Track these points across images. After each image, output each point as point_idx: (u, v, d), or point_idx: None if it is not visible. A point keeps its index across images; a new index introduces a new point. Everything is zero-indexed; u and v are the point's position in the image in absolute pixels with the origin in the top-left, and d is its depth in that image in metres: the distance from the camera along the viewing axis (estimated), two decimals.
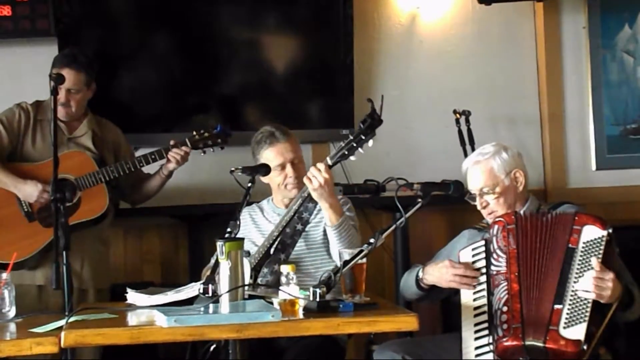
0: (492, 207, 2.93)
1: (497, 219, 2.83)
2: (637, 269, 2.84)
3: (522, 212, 2.86)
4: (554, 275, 2.65)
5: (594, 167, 4.47)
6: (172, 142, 3.41)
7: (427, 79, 4.35)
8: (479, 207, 2.97)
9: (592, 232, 2.67)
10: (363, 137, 2.78)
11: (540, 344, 2.58)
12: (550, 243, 2.70)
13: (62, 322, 2.39)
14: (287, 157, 3.15)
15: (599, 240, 2.64)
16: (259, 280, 2.93)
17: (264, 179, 3.17)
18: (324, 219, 2.97)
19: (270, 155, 3.17)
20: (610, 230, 2.66)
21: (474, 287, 2.78)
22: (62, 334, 2.24)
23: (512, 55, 4.43)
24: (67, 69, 3.33)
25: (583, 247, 2.66)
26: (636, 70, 4.53)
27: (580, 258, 2.64)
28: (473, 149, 3.94)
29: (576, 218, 2.71)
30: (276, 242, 3.03)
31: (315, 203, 2.99)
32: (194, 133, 3.43)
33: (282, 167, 3.15)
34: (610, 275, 2.57)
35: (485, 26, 4.40)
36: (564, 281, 2.63)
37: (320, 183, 2.83)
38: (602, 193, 4.41)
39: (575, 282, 2.62)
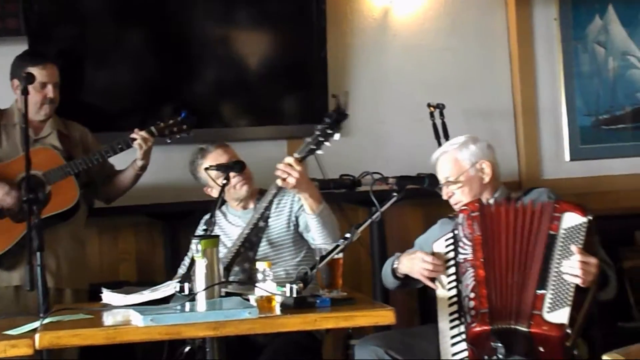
0: (457, 197, 2.97)
1: (462, 208, 2.86)
2: (611, 258, 2.87)
3: (486, 199, 2.89)
4: (536, 261, 2.68)
5: (567, 158, 4.51)
6: (136, 131, 3.37)
7: (401, 73, 4.36)
8: (445, 197, 3.00)
9: (572, 219, 2.69)
10: (330, 132, 2.78)
11: (525, 329, 2.60)
12: (528, 229, 2.72)
13: (37, 324, 2.36)
14: (223, 160, 3.19)
15: (580, 226, 2.67)
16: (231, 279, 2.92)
17: (212, 192, 3.18)
18: (305, 208, 2.96)
19: (215, 160, 3.21)
20: (591, 217, 2.69)
21: (443, 284, 2.79)
22: (37, 335, 2.22)
23: (484, 48, 4.45)
24: (49, 65, 3.35)
25: (564, 234, 2.68)
26: (607, 61, 4.57)
27: (562, 244, 2.66)
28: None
29: (556, 205, 2.74)
30: (245, 241, 3.04)
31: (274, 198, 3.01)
32: (159, 121, 3.39)
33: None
34: (594, 261, 2.60)
35: (457, 19, 4.41)
36: (546, 267, 2.65)
37: (296, 178, 2.83)
38: (575, 183, 4.44)
39: (557, 267, 2.64)
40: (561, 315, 2.58)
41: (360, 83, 4.29)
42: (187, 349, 2.78)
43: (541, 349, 2.61)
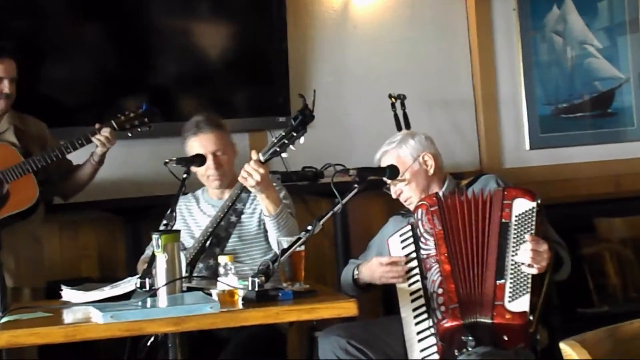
0: (405, 194, 2.97)
1: (419, 203, 2.85)
2: (571, 246, 2.91)
3: (441, 193, 2.90)
4: (492, 252, 2.69)
5: (527, 147, 4.55)
6: (97, 126, 3.31)
7: (362, 64, 4.36)
8: (394, 196, 3.00)
9: (522, 205, 2.71)
10: (294, 134, 2.77)
11: (488, 320, 2.61)
12: (482, 220, 2.73)
13: None
14: (209, 148, 3.14)
15: (530, 211, 2.69)
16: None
17: (193, 170, 3.15)
18: (262, 209, 2.95)
19: (194, 145, 3.16)
20: (539, 201, 2.71)
21: (406, 279, 2.80)
22: None
23: (444, 38, 4.47)
24: (5, 59, 3.28)
25: (516, 221, 2.69)
26: (565, 50, 4.61)
27: (515, 231, 2.68)
28: None
29: (505, 193, 2.75)
30: (210, 236, 3.02)
31: (249, 193, 2.99)
32: (119, 115, 3.32)
33: (210, 154, 3.14)
34: (545, 246, 2.62)
35: (417, 10, 4.42)
36: (502, 256, 2.67)
37: (257, 181, 2.81)
38: (536, 172, 4.48)
39: (513, 255, 2.65)
40: (522, 303, 2.60)
41: (321, 75, 4.28)
42: (150, 340, 2.75)
43: (505, 338, 2.63)
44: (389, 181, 2.97)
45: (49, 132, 3.50)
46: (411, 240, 2.83)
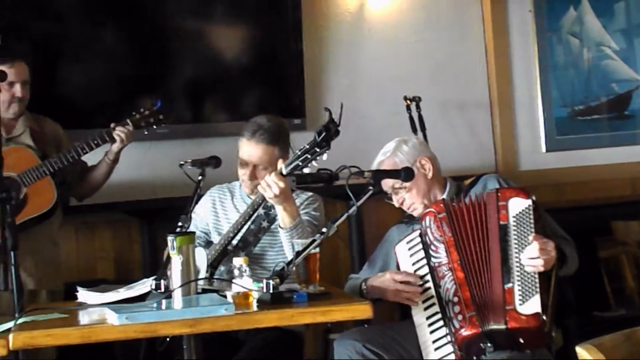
0: (408, 202, 2.94)
1: (427, 211, 2.81)
2: (587, 249, 2.89)
3: (447, 198, 2.87)
4: (496, 256, 2.66)
5: (544, 149, 4.53)
6: (112, 125, 3.32)
7: (377, 66, 4.36)
8: (397, 205, 2.97)
9: (518, 204, 2.67)
10: (317, 150, 2.71)
11: (503, 327, 2.58)
12: (483, 225, 2.70)
13: (11, 324, 2.34)
14: (252, 159, 3.08)
15: (527, 210, 2.65)
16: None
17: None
18: (279, 220, 2.93)
19: (242, 147, 3.11)
20: (534, 198, 2.68)
21: (421, 300, 2.76)
22: (11, 335, 2.19)
23: (460, 40, 4.46)
24: (17, 63, 3.28)
25: (514, 221, 2.66)
26: (582, 52, 4.59)
27: (515, 233, 2.65)
28: (424, 135, 3.96)
29: (499, 194, 2.72)
30: (237, 240, 3.01)
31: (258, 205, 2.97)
32: (134, 112, 3.32)
33: (244, 164, 3.10)
34: (551, 244, 2.59)
35: (433, 12, 4.42)
36: (506, 259, 2.64)
37: (275, 193, 2.79)
38: (552, 174, 4.47)
39: (517, 257, 2.62)
40: (534, 305, 2.57)
41: (336, 77, 4.28)
42: (168, 338, 2.74)
43: (522, 340, 2.61)
44: (389, 191, 2.94)
45: (64, 132, 3.51)
46: (420, 247, 2.79)
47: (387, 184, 2.94)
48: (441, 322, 2.72)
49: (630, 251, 4.22)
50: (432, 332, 2.74)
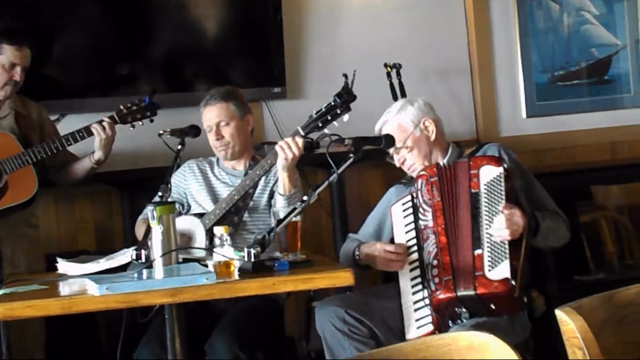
0: (409, 162, 2.94)
1: (420, 173, 2.84)
2: (567, 214, 2.90)
3: (443, 162, 2.87)
4: (467, 223, 2.68)
5: (524, 115, 4.53)
6: (101, 120, 3.27)
7: (357, 34, 4.33)
8: (398, 164, 2.98)
9: (489, 172, 2.69)
10: (338, 112, 2.77)
11: (472, 292, 2.60)
12: (457, 191, 2.72)
13: None
14: (213, 120, 3.16)
15: (498, 178, 2.67)
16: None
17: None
18: (278, 186, 2.94)
19: (203, 117, 3.21)
20: (506, 166, 2.70)
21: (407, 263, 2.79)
22: None
23: (440, 6, 4.43)
24: (25, 48, 3.24)
25: (485, 189, 2.68)
26: (562, 17, 4.58)
27: (486, 200, 2.67)
28: None
29: (471, 163, 2.73)
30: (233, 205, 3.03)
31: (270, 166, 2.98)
32: (121, 107, 3.28)
33: (210, 128, 3.17)
34: (517, 212, 2.60)
35: None
36: (477, 226, 2.66)
37: (293, 156, 2.80)
38: (533, 140, 4.48)
39: (487, 224, 2.64)
40: (503, 270, 2.59)
41: (316, 45, 4.25)
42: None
43: (492, 306, 2.63)
44: (391, 150, 2.95)
45: (47, 114, 3.46)
46: (411, 210, 2.81)
47: None
48: (421, 286, 2.75)
49: (610, 216, 4.25)
50: (414, 293, 2.76)
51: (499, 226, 2.61)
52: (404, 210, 2.85)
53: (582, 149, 4.54)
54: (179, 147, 2.95)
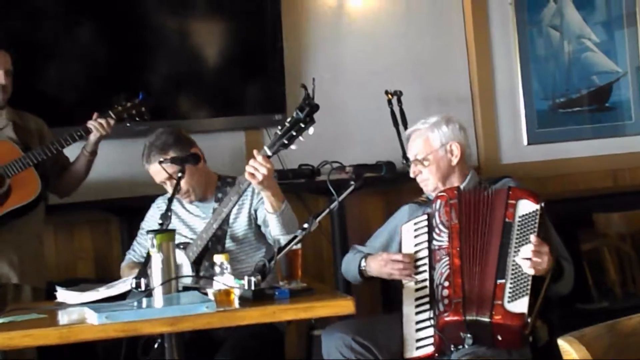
0: (423, 176, 2.94)
1: (439, 194, 2.84)
2: (570, 241, 2.89)
3: (462, 187, 2.87)
4: (494, 251, 2.67)
5: (525, 142, 4.53)
6: (95, 116, 3.29)
7: (358, 60, 4.34)
8: (412, 175, 2.97)
9: (526, 207, 2.70)
10: (302, 125, 2.69)
11: (486, 319, 2.59)
12: (489, 218, 2.72)
13: None
14: (158, 180, 3.10)
15: (534, 214, 2.67)
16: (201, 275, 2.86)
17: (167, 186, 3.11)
18: (266, 206, 2.90)
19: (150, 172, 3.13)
20: (543, 204, 2.70)
21: (415, 276, 2.78)
22: None
23: (441, 33, 4.45)
24: (0, 52, 3.26)
25: (519, 221, 2.68)
26: (562, 44, 4.60)
27: (518, 232, 2.67)
28: (406, 129, 3.95)
29: (510, 193, 2.73)
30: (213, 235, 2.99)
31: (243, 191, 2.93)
32: (116, 105, 3.30)
33: (164, 184, 3.10)
34: (545, 249, 2.60)
35: (413, 5, 4.40)
36: (504, 256, 2.65)
37: (264, 175, 2.73)
38: (534, 167, 4.47)
39: (514, 256, 2.64)
40: (521, 305, 2.59)
41: (317, 71, 4.25)
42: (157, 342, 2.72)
43: (499, 337, 2.62)
44: (411, 158, 2.95)
45: (48, 129, 3.48)
46: (425, 229, 2.81)
47: (411, 151, 2.97)
48: (428, 306, 2.73)
49: (612, 243, 4.23)
50: (417, 313, 2.75)
51: (524, 255, 2.60)
52: (415, 230, 2.84)
53: (583, 176, 4.53)
54: (179, 174, 2.94)
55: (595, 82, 4.64)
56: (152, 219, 3.22)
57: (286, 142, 2.70)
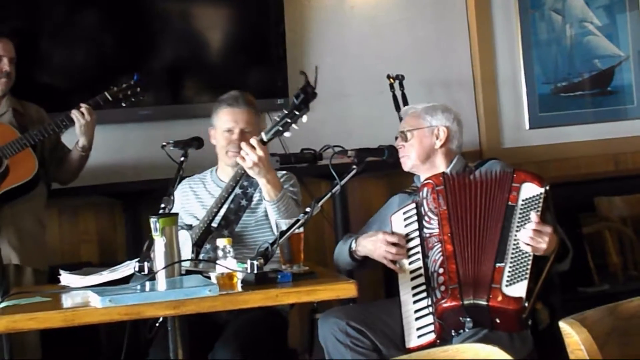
0: (404, 151, 2.96)
1: (425, 182, 2.83)
2: (571, 225, 2.90)
3: (448, 172, 2.87)
4: (494, 234, 2.66)
5: (527, 126, 4.53)
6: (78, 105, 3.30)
7: (360, 45, 4.34)
8: (397, 146, 2.97)
9: (530, 190, 2.68)
10: (297, 113, 2.70)
11: (484, 303, 2.59)
12: (487, 202, 2.71)
13: None
14: (240, 124, 3.10)
15: (538, 197, 2.66)
16: (201, 257, 2.88)
17: (212, 140, 3.12)
18: (263, 194, 2.92)
19: (224, 116, 3.12)
20: (547, 187, 2.69)
21: (408, 265, 2.79)
22: None
23: (443, 18, 4.44)
24: (4, 39, 3.29)
25: (522, 205, 2.66)
26: (565, 28, 4.59)
27: (520, 215, 2.66)
28: None
29: (514, 176, 2.71)
30: (219, 218, 2.99)
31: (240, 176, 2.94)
32: (111, 86, 3.31)
33: (230, 131, 3.10)
34: (548, 229, 2.58)
35: None
36: (504, 239, 2.65)
37: (254, 161, 2.75)
38: (535, 151, 4.47)
39: (515, 240, 2.63)
40: (519, 289, 2.58)
41: (319, 56, 4.25)
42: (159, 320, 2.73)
43: (497, 320, 2.62)
44: (399, 130, 2.97)
45: (48, 117, 3.48)
46: (415, 218, 2.81)
47: (401, 125, 3.01)
48: (425, 294, 2.74)
49: (614, 227, 4.24)
50: (415, 302, 2.76)
51: (524, 234, 2.59)
52: (405, 219, 2.84)
53: (585, 160, 4.54)
54: (182, 158, 2.95)
55: (597, 66, 4.63)
56: (184, 198, 3.20)
57: (280, 129, 2.73)
